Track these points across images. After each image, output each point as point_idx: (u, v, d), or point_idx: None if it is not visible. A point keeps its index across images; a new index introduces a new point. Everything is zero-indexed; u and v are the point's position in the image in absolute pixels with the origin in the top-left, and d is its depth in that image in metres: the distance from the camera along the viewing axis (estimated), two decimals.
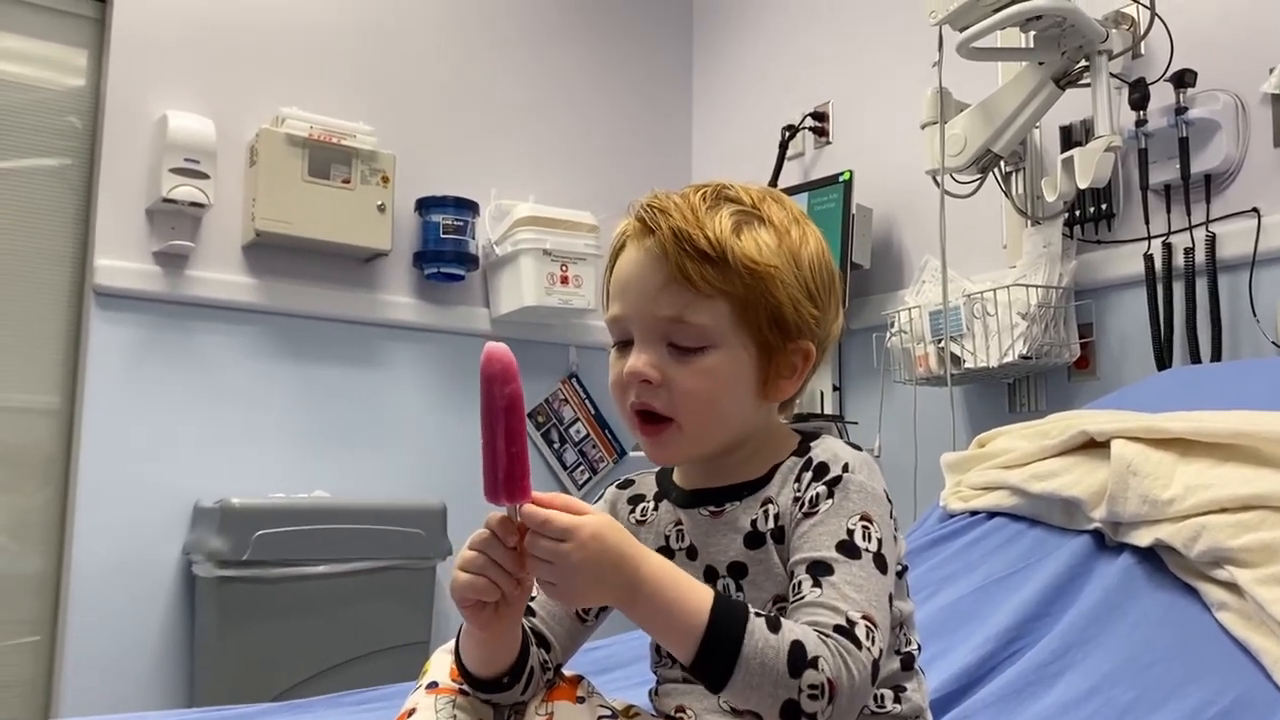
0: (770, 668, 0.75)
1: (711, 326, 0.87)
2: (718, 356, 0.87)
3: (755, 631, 0.76)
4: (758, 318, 0.87)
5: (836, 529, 0.83)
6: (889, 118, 2.78)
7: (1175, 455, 1.44)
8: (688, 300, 0.86)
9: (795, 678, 0.74)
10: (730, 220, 0.88)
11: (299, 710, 1.36)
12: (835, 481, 0.85)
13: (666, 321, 0.87)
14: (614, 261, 0.94)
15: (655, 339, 0.88)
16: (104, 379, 2.50)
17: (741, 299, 0.87)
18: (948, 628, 1.41)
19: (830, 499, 0.85)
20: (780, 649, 0.75)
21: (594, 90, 3.34)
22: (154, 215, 2.57)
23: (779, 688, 0.75)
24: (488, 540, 0.82)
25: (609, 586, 0.77)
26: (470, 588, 0.81)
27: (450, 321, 2.97)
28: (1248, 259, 2.02)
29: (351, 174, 2.70)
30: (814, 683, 0.75)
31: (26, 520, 2.47)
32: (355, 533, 2.47)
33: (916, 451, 2.41)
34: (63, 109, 2.59)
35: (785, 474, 0.89)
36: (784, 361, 0.90)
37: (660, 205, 0.89)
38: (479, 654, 0.88)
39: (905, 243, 2.76)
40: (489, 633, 0.85)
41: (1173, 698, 1.15)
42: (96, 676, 2.41)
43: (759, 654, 0.75)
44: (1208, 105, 2.09)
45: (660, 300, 0.87)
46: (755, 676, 0.75)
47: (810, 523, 0.84)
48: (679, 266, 0.86)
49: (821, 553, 0.82)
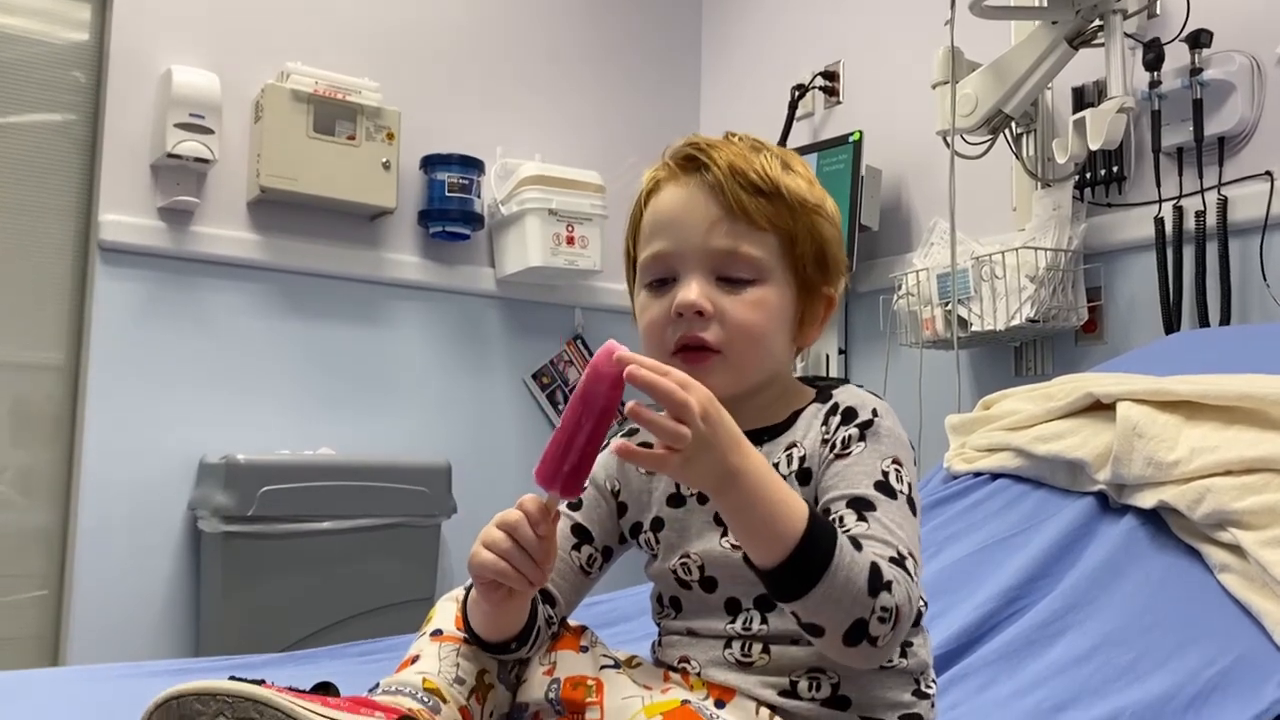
0: (853, 584, 0.74)
1: (763, 260, 0.88)
2: (768, 290, 0.89)
3: (844, 545, 0.76)
4: (804, 254, 0.90)
5: (872, 469, 0.84)
6: (900, 78, 2.75)
7: (1181, 418, 1.44)
8: (741, 232, 0.88)
9: (872, 597, 0.75)
10: (776, 160, 0.90)
11: (303, 660, 1.38)
12: (867, 425, 0.86)
13: (720, 254, 0.88)
14: (644, 204, 0.94)
15: (705, 272, 0.88)
16: (109, 335, 2.50)
17: (790, 234, 0.89)
18: (950, 586, 1.41)
19: (862, 442, 0.85)
20: (863, 568, 0.75)
21: (602, 48, 3.30)
22: (159, 171, 2.55)
23: (856, 605, 0.75)
24: (518, 524, 0.80)
25: (717, 457, 0.75)
26: (492, 569, 0.81)
27: (455, 281, 2.96)
28: (1259, 223, 2.01)
29: (357, 130, 2.68)
30: (886, 605, 0.75)
31: (33, 475, 2.49)
32: (360, 490, 2.48)
33: (921, 415, 2.40)
34: (67, 63, 2.57)
35: (809, 418, 0.90)
36: (818, 303, 0.93)
37: (709, 143, 0.91)
38: (487, 625, 0.88)
39: (914, 205, 2.75)
40: (500, 610, 0.85)
41: (1173, 658, 1.15)
42: (103, 630, 2.43)
43: (846, 568, 0.75)
44: (1223, 66, 2.06)
45: (714, 233, 0.88)
46: (838, 590, 0.74)
47: (844, 463, 0.85)
48: (735, 199, 0.87)
49: (861, 490, 0.82)
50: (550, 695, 0.89)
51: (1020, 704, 1.11)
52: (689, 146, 0.91)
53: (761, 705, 0.84)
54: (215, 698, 0.73)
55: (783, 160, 0.91)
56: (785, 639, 0.86)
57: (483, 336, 3.02)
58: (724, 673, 0.87)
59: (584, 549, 0.98)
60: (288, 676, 0.88)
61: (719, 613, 0.89)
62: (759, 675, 0.86)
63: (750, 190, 0.88)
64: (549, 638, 0.94)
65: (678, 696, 0.82)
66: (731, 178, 0.88)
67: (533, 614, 0.89)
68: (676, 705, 0.79)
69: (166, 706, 0.74)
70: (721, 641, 0.89)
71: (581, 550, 0.98)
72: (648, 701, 0.81)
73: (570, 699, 0.88)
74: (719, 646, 0.89)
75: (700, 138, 0.92)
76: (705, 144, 0.91)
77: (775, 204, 0.88)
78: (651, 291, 0.92)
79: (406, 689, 0.85)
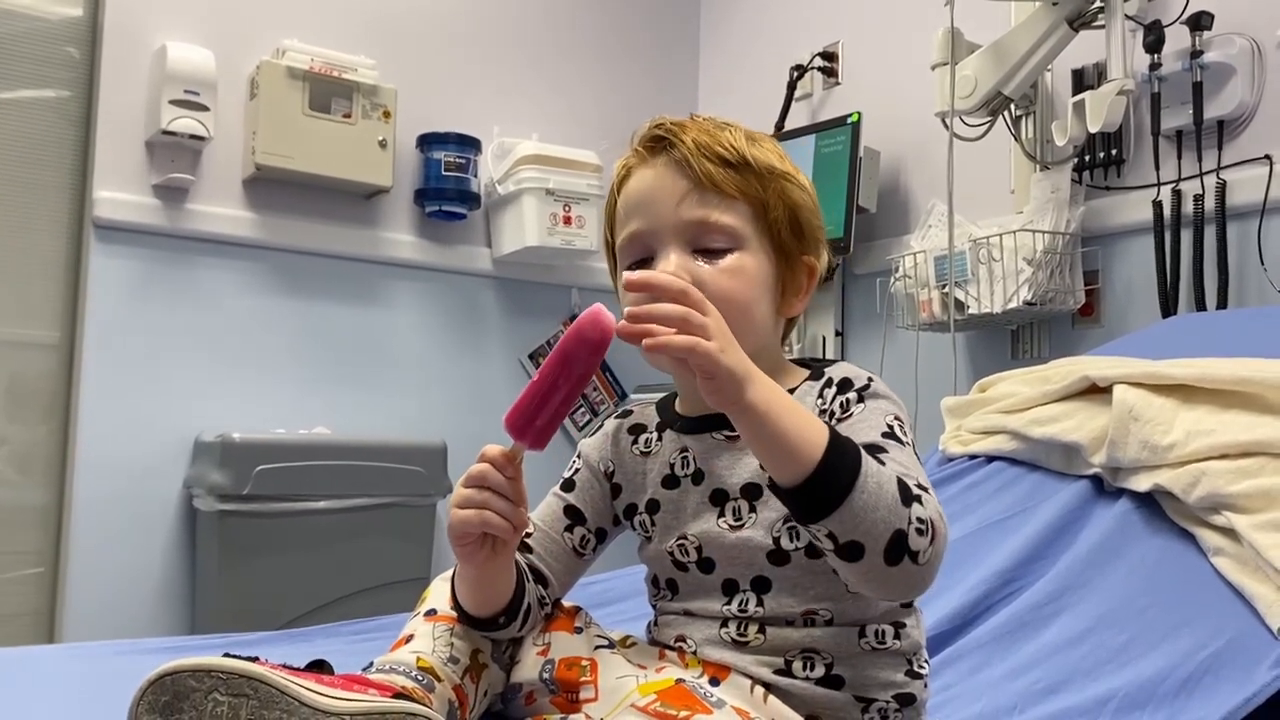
0: (885, 492, 0.73)
1: (737, 227, 0.89)
2: (744, 257, 0.89)
3: (868, 458, 0.75)
4: (778, 219, 0.90)
5: (877, 424, 0.84)
6: (899, 59, 2.74)
7: (1177, 401, 1.44)
8: (712, 202, 0.89)
9: (906, 507, 0.74)
10: (742, 134, 0.92)
11: (297, 639, 1.38)
12: (864, 389, 0.87)
13: (693, 225, 0.88)
14: (618, 191, 0.94)
15: (681, 245, 0.89)
16: (104, 312, 2.49)
17: (762, 201, 0.90)
18: (945, 568, 1.41)
19: (862, 403, 0.86)
20: (891, 478, 0.75)
21: (600, 28, 3.29)
22: (153, 148, 2.54)
23: (892, 514, 0.73)
24: (485, 473, 0.81)
25: (739, 356, 0.74)
26: (476, 521, 0.81)
27: (451, 260, 2.95)
28: (1257, 207, 2.00)
29: (353, 108, 2.66)
30: (921, 516, 0.74)
31: (29, 453, 2.48)
32: (356, 469, 2.48)
33: (917, 397, 2.40)
34: (61, 39, 2.55)
35: (803, 394, 0.90)
36: (799, 272, 0.93)
37: (675, 122, 0.92)
38: (474, 596, 0.88)
39: (912, 186, 2.74)
40: (484, 571, 0.86)
41: (1166, 640, 1.16)
42: (99, 607, 2.44)
43: (875, 475, 0.74)
44: (1223, 49, 2.05)
45: (684, 205, 0.89)
46: (872, 498, 0.73)
47: (849, 421, 0.85)
48: (702, 171, 0.88)
49: (870, 438, 0.82)
50: (544, 675, 0.89)
51: (1013, 685, 1.12)
52: (655, 128, 0.92)
53: (756, 683, 0.84)
54: (210, 674, 0.73)
55: (748, 135, 0.93)
56: (780, 620, 0.86)
57: (479, 316, 3.02)
58: (719, 651, 0.88)
59: (576, 530, 0.98)
60: (282, 654, 0.88)
61: (716, 594, 0.89)
62: (754, 655, 0.86)
63: (717, 161, 0.89)
64: (542, 618, 0.95)
65: (672, 675, 0.82)
66: (698, 152, 0.89)
67: (519, 588, 0.90)
68: (671, 684, 0.79)
69: (161, 683, 0.74)
70: (718, 621, 0.89)
71: (574, 532, 0.98)
72: (642, 681, 0.82)
73: (564, 679, 0.88)
74: (715, 626, 0.89)
75: (666, 118, 0.93)
76: (671, 124, 0.92)
77: (743, 173, 0.89)
78: None
79: (401, 668, 0.85)
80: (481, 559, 0.84)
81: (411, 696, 0.80)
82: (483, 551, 0.84)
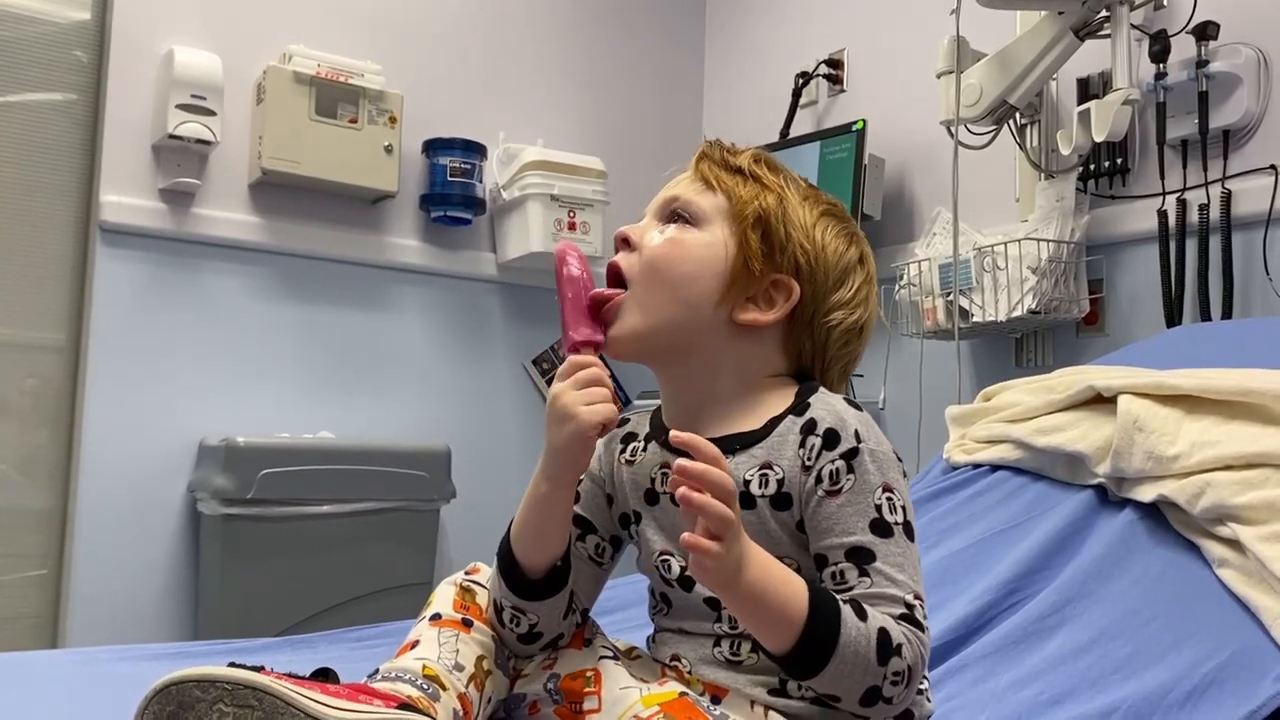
0: (862, 657, 0.76)
1: (703, 209, 0.94)
2: (695, 233, 0.93)
3: (848, 620, 0.77)
4: (746, 216, 0.92)
5: (865, 507, 0.83)
6: (904, 67, 2.74)
7: (1182, 412, 1.44)
8: (693, 189, 0.96)
9: (882, 665, 0.77)
10: (754, 154, 0.98)
11: (300, 645, 1.38)
12: (852, 454, 0.84)
13: (669, 202, 0.96)
14: None
15: (654, 218, 0.97)
16: (110, 316, 2.50)
17: (740, 197, 0.93)
18: (948, 578, 1.41)
19: (851, 474, 0.83)
20: (870, 638, 0.77)
21: (605, 34, 3.29)
22: (160, 152, 2.55)
23: (867, 675, 0.77)
24: (599, 375, 0.88)
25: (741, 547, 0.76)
26: (612, 417, 0.87)
27: (456, 265, 2.95)
28: (1263, 217, 2.00)
29: (359, 114, 2.67)
30: (897, 670, 0.77)
31: (33, 456, 2.49)
32: (359, 474, 2.48)
33: (921, 405, 2.40)
34: (68, 43, 2.56)
35: (784, 433, 0.87)
36: (763, 280, 0.91)
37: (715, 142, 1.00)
38: (536, 538, 0.90)
39: (917, 194, 2.74)
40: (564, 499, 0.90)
41: (1170, 652, 1.15)
42: (102, 611, 2.43)
43: (853, 643, 0.76)
44: (1229, 59, 2.05)
45: (673, 190, 0.97)
46: (848, 666, 0.76)
47: (836, 503, 0.83)
48: (698, 169, 0.97)
49: (857, 536, 0.82)
50: (549, 686, 0.89)
51: (1017, 696, 1.11)
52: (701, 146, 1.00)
53: (755, 704, 0.84)
54: (215, 684, 0.73)
55: (766, 159, 0.98)
56: None
57: (483, 321, 3.02)
58: (714, 671, 0.87)
59: (589, 538, 0.98)
60: (286, 662, 0.89)
61: (704, 611, 0.89)
62: (749, 674, 0.86)
63: (719, 164, 0.96)
64: (573, 625, 0.94)
65: (675, 689, 0.82)
66: (708, 156, 0.97)
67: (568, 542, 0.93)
68: (674, 696, 0.79)
69: (166, 692, 0.74)
70: (711, 640, 0.89)
71: (587, 540, 0.98)
72: (645, 693, 0.81)
73: (568, 689, 0.88)
74: (709, 645, 0.89)
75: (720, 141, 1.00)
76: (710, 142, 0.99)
77: (734, 175, 0.95)
78: None
79: (406, 675, 0.85)
80: (574, 478, 0.89)
81: (416, 707, 0.80)
82: (588, 455, 0.89)
